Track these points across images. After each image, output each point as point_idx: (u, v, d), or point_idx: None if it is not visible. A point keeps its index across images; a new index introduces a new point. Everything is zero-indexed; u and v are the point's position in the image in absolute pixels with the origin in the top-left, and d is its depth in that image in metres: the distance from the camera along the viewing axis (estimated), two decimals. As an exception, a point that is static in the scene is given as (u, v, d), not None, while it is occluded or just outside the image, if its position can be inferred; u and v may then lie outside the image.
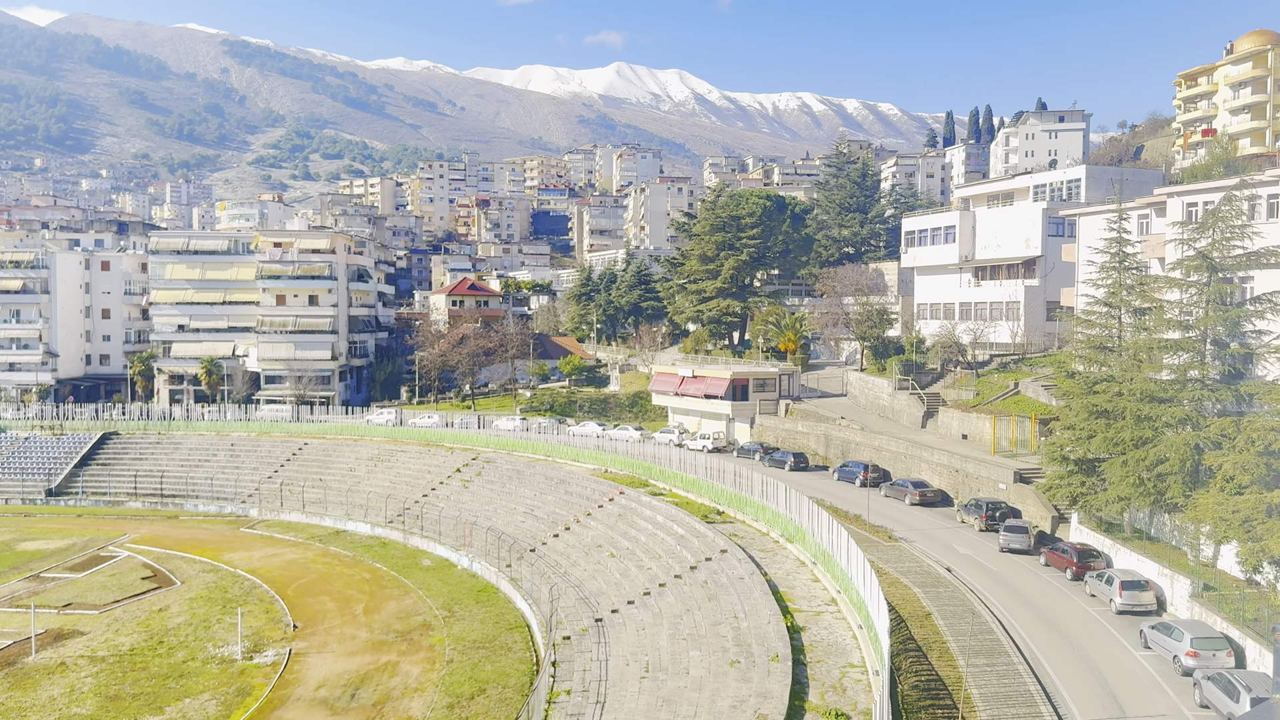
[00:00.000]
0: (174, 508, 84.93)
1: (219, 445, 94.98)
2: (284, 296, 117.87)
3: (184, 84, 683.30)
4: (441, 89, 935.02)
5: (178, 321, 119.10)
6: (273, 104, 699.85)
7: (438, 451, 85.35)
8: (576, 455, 75.73)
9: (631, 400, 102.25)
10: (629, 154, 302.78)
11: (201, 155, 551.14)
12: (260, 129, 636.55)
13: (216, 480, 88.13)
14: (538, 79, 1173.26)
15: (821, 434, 72.66)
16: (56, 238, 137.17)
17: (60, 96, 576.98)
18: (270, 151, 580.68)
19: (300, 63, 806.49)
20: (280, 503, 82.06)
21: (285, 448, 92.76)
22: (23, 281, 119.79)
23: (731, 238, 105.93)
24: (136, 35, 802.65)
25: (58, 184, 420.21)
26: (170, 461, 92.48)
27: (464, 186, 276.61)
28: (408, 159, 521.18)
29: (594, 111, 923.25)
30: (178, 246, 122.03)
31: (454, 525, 69.07)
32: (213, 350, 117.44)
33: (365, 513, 76.53)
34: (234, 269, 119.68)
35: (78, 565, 64.42)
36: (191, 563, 65.30)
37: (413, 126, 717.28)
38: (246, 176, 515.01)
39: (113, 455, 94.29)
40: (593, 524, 61.69)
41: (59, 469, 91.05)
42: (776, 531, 49.99)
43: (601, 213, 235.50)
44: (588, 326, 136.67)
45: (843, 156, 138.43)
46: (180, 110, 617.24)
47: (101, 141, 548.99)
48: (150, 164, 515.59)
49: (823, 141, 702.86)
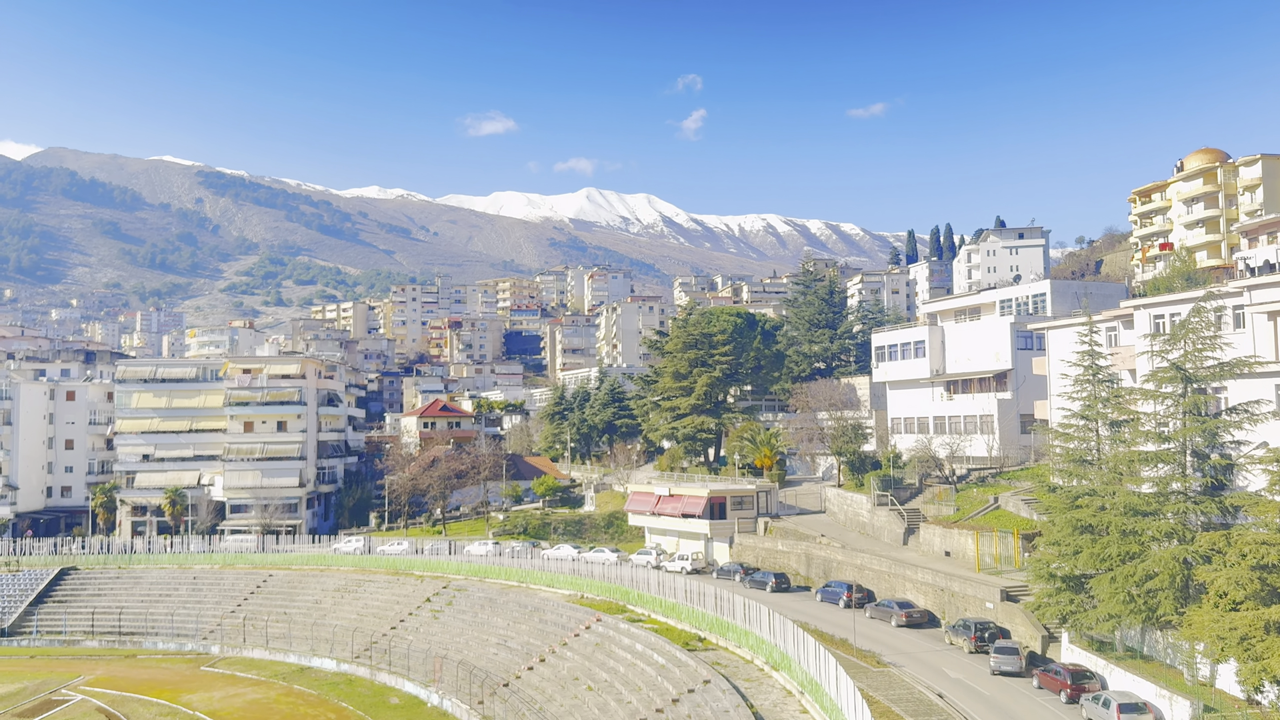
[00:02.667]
0: (132, 646, 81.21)
1: (181, 578, 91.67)
2: (252, 423, 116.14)
3: (158, 214, 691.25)
4: (415, 215, 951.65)
5: (143, 451, 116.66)
6: (246, 232, 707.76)
7: (407, 580, 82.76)
8: (551, 580, 73.61)
9: (607, 520, 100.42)
10: (600, 274, 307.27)
11: (174, 283, 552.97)
12: (234, 257, 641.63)
13: (177, 616, 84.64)
14: (510, 204, 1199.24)
15: (802, 553, 71.30)
16: (22, 368, 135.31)
17: (34, 228, 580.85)
18: (243, 279, 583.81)
19: (275, 192, 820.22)
20: (243, 638, 78.72)
21: (250, 580, 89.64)
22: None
23: (704, 354, 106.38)
24: (112, 168, 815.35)
25: (27, 314, 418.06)
26: (130, 597, 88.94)
27: (436, 309, 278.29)
28: (381, 283, 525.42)
29: (565, 235, 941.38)
30: (145, 375, 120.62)
31: (424, 659, 66.31)
32: (178, 480, 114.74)
33: (331, 647, 73.47)
34: (201, 396, 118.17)
35: (27, 711, 60.90)
36: (148, 705, 61.97)
37: (386, 252, 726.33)
38: (219, 303, 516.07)
39: (70, 591, 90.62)
40: (569, 654, 59.43)
41: (13, 607, 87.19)
42: (761, 659, 48.25)
43: (574, 332, 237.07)
44: (562, 445, 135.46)
45: (810, 274, 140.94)
46: (154, 240, 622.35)
47: (73, 271, 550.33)
48: (121, 293, 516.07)
49: (788, 260, 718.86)
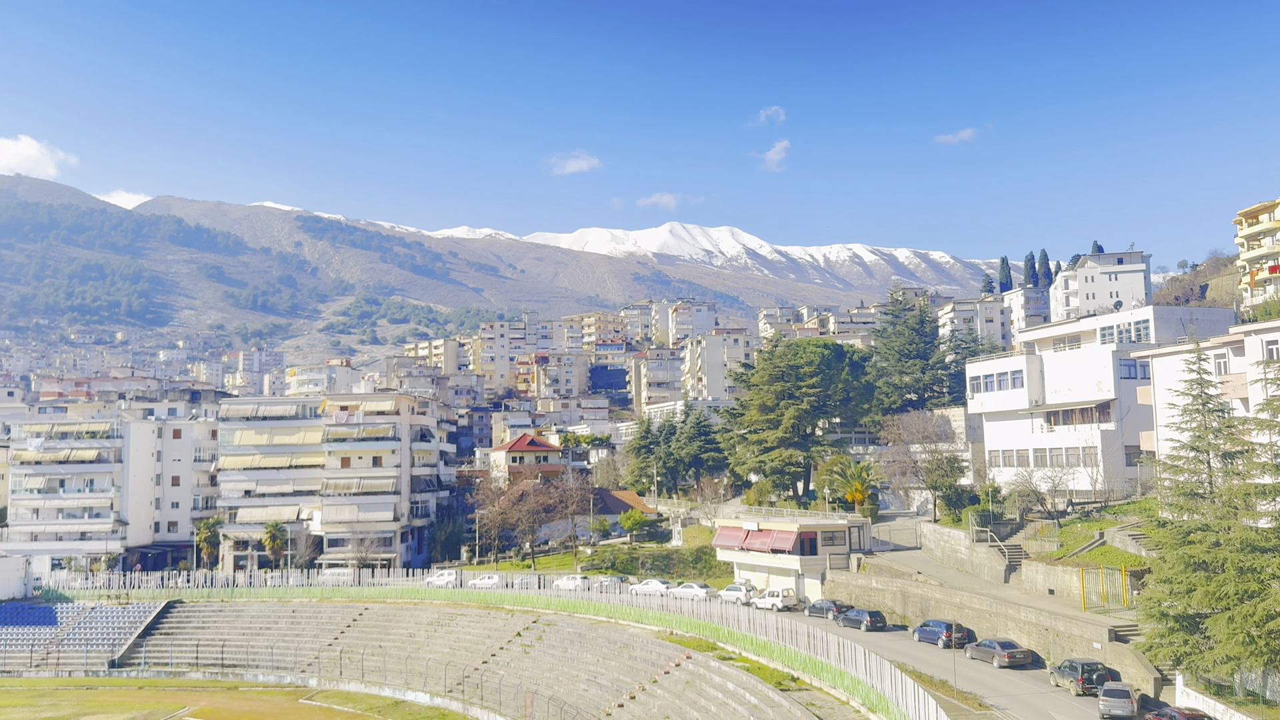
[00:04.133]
0: (234, 678, 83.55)
1: (280, 612, 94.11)
2: (349, 459, 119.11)
3: (259, 258, 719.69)
4: (502, 254, 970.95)
5: (244, 487, 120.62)
6: (343, 274, 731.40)
7: (498, 614, 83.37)
8: (640, 616, 73.25)
9: (695, 555, 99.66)
10: (684, 308, 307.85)
11: (274, 324, 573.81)
12: (331, 297, 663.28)
13: (277, 649, 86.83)
14: (594, 241, 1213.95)
15: (898, 590, 69.49)
16: (132, 407, 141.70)
17: (143, 274, 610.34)
18: (340, 319, 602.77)
19: (369, 234, 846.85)
20: (339, 671, 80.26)
21: (346, 613, 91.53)
22: (98, 451, 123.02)
23: (791, 387, 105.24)
24: (216, 214, 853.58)
25: (137, 356, 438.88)
26: (232, 630, 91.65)
27: (524, 344, 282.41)
28: (470, 321, 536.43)
29: (649, 269, 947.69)
30: (247, 413, 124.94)
31: (515, 694, 66.52)
32: (277, 515, 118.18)
33: (425, 681, 74.33)
34: (301, 433, 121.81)
35: (135, 742, 63.03)
36: (248, 738, 63.50)
37: (475, 290, 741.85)
38: (317, 343, 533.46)
39: (176, 624, 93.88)
40: (659, 692, 58.89)
41: (123, 639, 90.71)
42: (857, 700, 46.98)
43: (659, 365, 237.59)
44: (648, 479, 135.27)
45: (899, 304, 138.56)
46: (255, 282, 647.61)
47: (180, 314, 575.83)
48: (225, 334, 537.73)
49: (876, 290, 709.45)
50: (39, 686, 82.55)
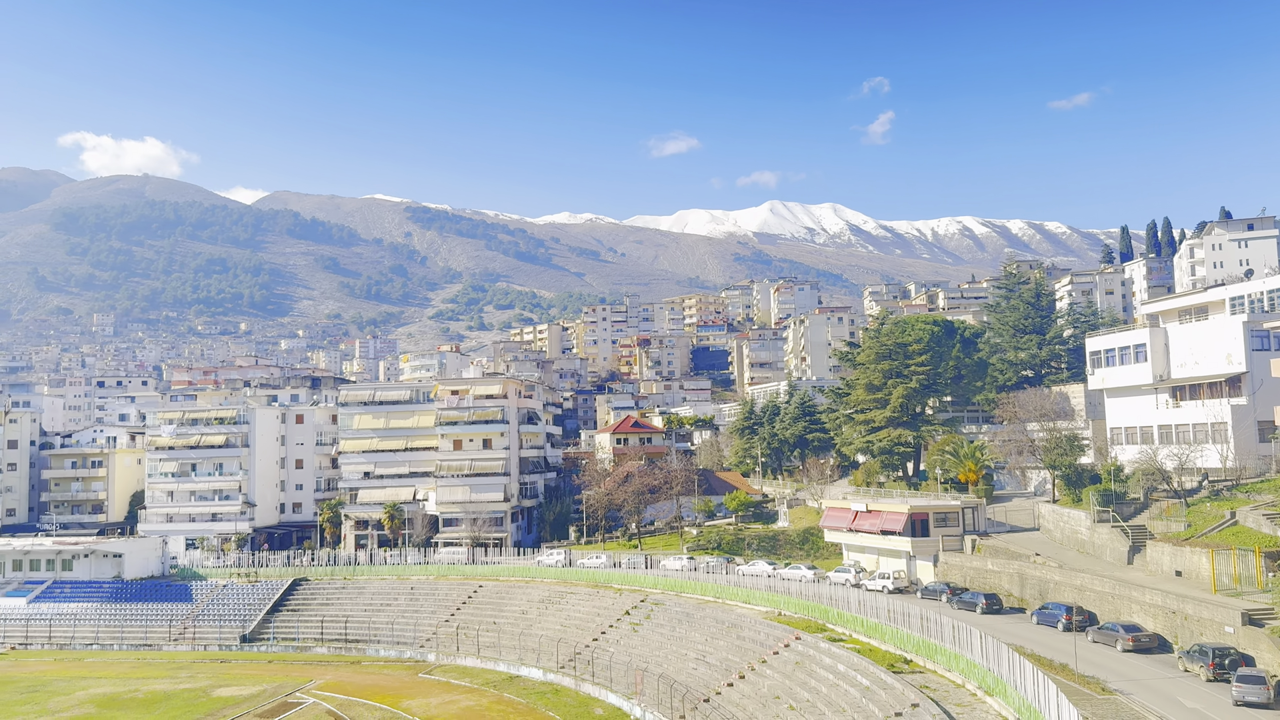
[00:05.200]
0: (357, 653, 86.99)
1: (399, 589, 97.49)
2: (460, 441, 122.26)
3: (372, 249, 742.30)
4: (603, 238, 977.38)
5: (363, 469, 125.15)
6: (450, 262, 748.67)
7: (606, 593, 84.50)
8: (747, 597, 73.21)
9: (802, 537, 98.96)
10: (786, 287, 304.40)
11: (387, 313, 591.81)
12: (439, 285, 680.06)
13: (397, 624, 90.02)
14: (694, 222, 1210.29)
15: (1015, 572, 67.59)
16: (257, 394, 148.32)
17: (263, 266, 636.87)
18: (448, 306, 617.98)
19: (475, 223, 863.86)
20: (457, 647, 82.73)
21: (461, 590, 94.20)
22: (226, 436, 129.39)
23: (899, 365, 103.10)
24: (330, 207, 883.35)
25: (259, 345, 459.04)
26: (354, 606, 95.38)
27: (625, 327, 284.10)
28: (573, 305, 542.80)
29: (749, 249, 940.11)
30: (364, 398, 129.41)
31: (625, 671, 67.43)
32: (395, 495, 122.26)
33: (538, 657, 76.02)
34: (415, 417, 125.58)
35: (267, 712, 66.30)
36: (372, 710, 66.10)
37: (577, 274, 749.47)
38: (427, 330, 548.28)
39: (302, 601, 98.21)
40: (768, 672, 58.83)
41: (253, 615, 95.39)
42: (973, 683, 46.04)
43: (761, 346, 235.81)
44: (752, 460, 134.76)
45: (1013, 277, 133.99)
46: (368, 273, 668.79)
47: (299, 305, 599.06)
48: (341, 323, 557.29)
49: (987, 264, 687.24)
50: (177, 659, 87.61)
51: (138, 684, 76.17)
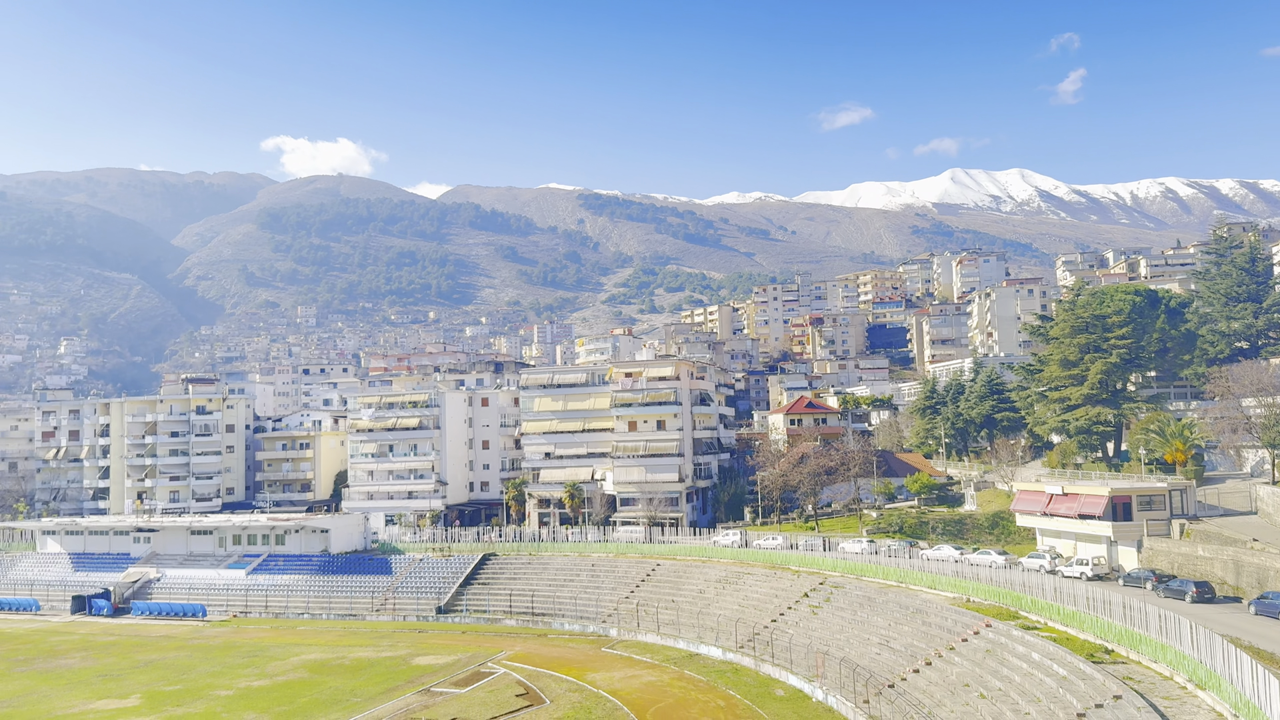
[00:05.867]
0: (543, 625, 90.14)
1: (581, 565, 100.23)
2: (635, 423, 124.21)
3: (547, 237, 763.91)
4: (773, 216, 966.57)
5: (544, 450, 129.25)
6: (621, 247, 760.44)
7: (784, 575, 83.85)
8: (933, 582, 70.86)
9: (990, 521, 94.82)
10: (969, 259, 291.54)
11: (562, 298, 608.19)
12: (611, 270, 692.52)
13: (579, 599, 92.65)
14: (867, 195, 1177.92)
15: (1229, 559, 62.34)
16: (445, 379, 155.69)
17: (448, 257, 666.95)
18: (620, 290, 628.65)
19: (645, 207, 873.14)
20: (637, 623, 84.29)
21: (640, 569, 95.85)
22: (419, 419, 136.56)
23: (1096, 339, 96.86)
24: (508, 198, 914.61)
25: (446, 332, 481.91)
26: (540, 581, 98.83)
27: (797, 306, 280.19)
28: (743, 285, 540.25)
29: (928, 220, 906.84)
30: (543, 381, 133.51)
31: (805, 653, 66.76)
32: (574, 475, 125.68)
33: (716, 636, 76.40)
34: (591, 399, 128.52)
35: (462, 680, 69.70)
36: (559, 681, 68.31)
37: (747, 254, 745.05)
38: (600, 314, 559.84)
39: (491, 575, 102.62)
40: (956, 659, 56.78)
41: (447, 588, 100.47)
42: (1182, 675, 42.83)
43: (942, 322, 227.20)
44: (934, 441, 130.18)
45: (1224, 240, 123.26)
46: (544, 260, 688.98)
47: (481, 293, 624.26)
48: (520, 309, 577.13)
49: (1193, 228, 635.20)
50: (379, 629, 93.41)
51: (344, 651, 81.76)
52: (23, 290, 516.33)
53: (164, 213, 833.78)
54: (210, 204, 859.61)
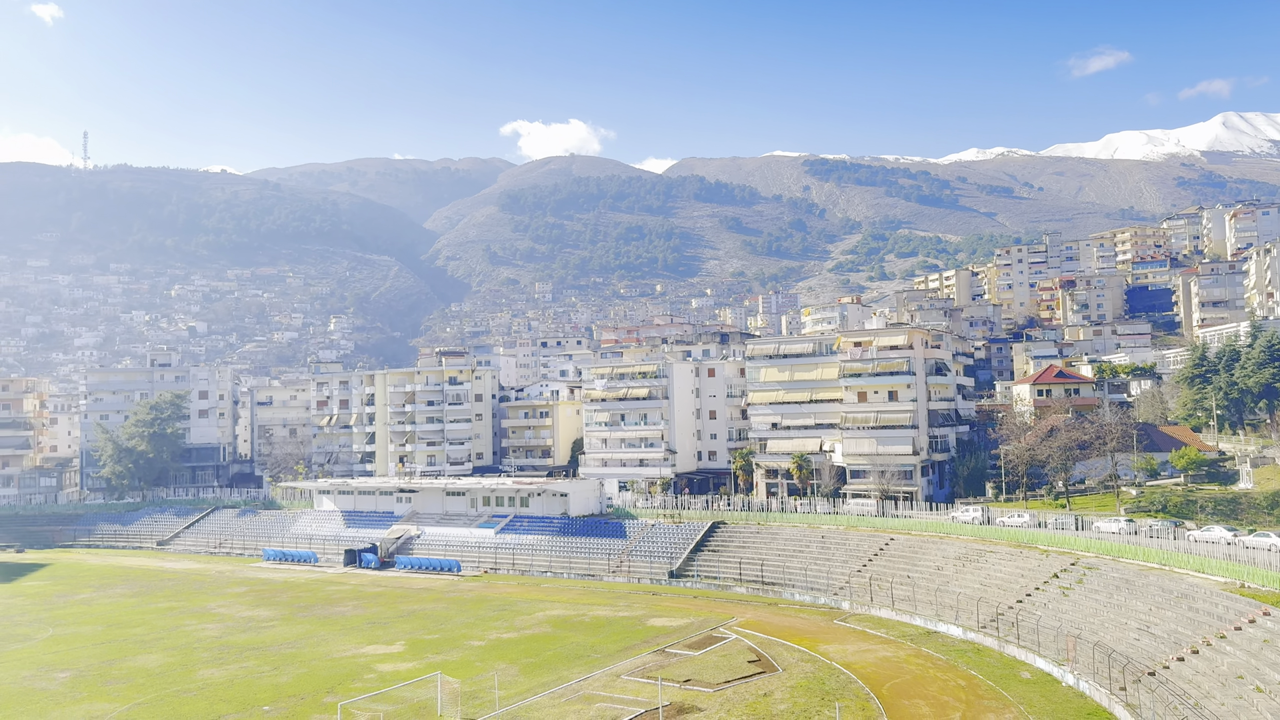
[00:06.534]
0: (773, 595, 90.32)
1: (810, 537, 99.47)
2: (864, 393, 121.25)
3: (771, 205, 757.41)
4: (1016, 173, 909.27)
5: (771, 420, 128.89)
6: (849, 212, 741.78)
7: (1030, 554, 79.47)
8: (1201, 565, 64.80)
9: (1270, 500, 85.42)
10: (1246, 212, 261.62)
11: (787, 268, 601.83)
12: (838, 237, 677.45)
13: (810, 571, 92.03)
14: (1125, 146, 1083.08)
15: None
16: (673, 350, 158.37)
17: (674, 231, 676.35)
18: (848, 257, 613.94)
19: (874, 170, 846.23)
20: (870, 597, 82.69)
21: (872, 542, 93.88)
22: (648, 389, 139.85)
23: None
24: (732, 169, 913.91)
25: (673, 304, 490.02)
26: (768, 550, 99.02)
27: (1045, 269, 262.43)
28: (982, 248, 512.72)
29: (1195, 171, 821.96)
30: (769, 352, 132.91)
31: (1054, 636, 63.06)
32: (801, 446, 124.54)
33: (955, 614, 73.63)
34: (818, 369, 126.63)
35: (694, 644, 71.18)
36: (790, 650, 68.29)
37: (987, 215, 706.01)
38: (827, 283, 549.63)
39: (720, 542, 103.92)
40: (1228, 649, 51.76)
41: (678, 553, 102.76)
42: None
43: (1213, 282, 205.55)
44: (1204, 413, 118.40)
45: None
46: (768, 229, 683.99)
47: (706, 265, 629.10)
48: (745, 280, 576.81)
49: None
50: (615, 589, 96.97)
51: (584, 609, 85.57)
52: (297, 273, 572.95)
53: (416, 198, 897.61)
54: (457, 188, 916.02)
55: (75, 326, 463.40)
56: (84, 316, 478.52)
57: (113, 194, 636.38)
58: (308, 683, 63.09)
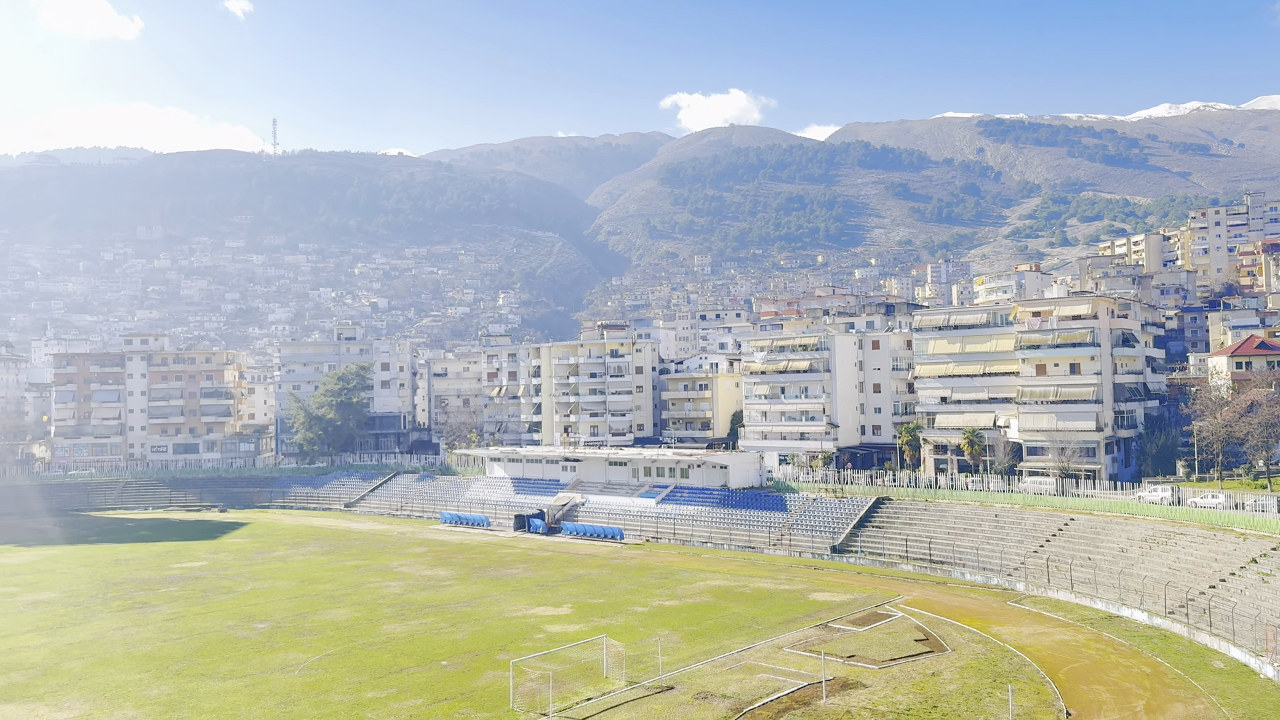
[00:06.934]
0: (941, 574, 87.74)
1: (982, 515, 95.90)
2: (1043, 366, 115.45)
3: (942, 170, 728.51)
4: (1214, 129, 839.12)
5: (939, 394, 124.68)
6: (1027, 175, 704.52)
7: (1226, 537, 73.94)
8: None
9: None
10: None
11: (958, 235, 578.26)
12: (1015, 202, 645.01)
13: (981, 550, 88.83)
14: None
15: None
16: (835, 322, 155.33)
17: (836, 200, 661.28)
18: (1025, 222, 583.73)
19: (1054, 130, 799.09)
20: (1047, 579, 79.14)
21: (1050, 522, 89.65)
22: (809, 362, 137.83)
23: None
24: (899, 133, 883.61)
25: (835, 275, 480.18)
26: (937, 528, 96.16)
27: (1245, 232, 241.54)
28: (1175, 210, 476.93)
29: None
30: (938, 323, 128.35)
31: (1251, 625, 58.57)
32: (973, 421, 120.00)
33: (1141, 599, 69.51)
34: (992, 341, 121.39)
35: (858, 620, 70.11)
36: (960, 631, 66.27)
37: (1180, 175, 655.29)
38: (1002, 250, 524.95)
39: (885, 519, 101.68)
40: None
41: (840, 528, 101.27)
42: None
43: None
44: None
45: None
46: (938, 195, 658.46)
47: (870, 234, 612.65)
48: (912, 249, 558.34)
49: None
50: (776, 562, 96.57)
51: (744, 581, 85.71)
52: (468, 250, 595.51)
53: (579, 174, 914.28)
54: (618, 164, 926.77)
55: (269, 303, 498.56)
56: (276, 293, 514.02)
57: (300, 178, 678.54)
58: (482, 640, 66.06)
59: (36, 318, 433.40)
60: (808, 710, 49.89)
